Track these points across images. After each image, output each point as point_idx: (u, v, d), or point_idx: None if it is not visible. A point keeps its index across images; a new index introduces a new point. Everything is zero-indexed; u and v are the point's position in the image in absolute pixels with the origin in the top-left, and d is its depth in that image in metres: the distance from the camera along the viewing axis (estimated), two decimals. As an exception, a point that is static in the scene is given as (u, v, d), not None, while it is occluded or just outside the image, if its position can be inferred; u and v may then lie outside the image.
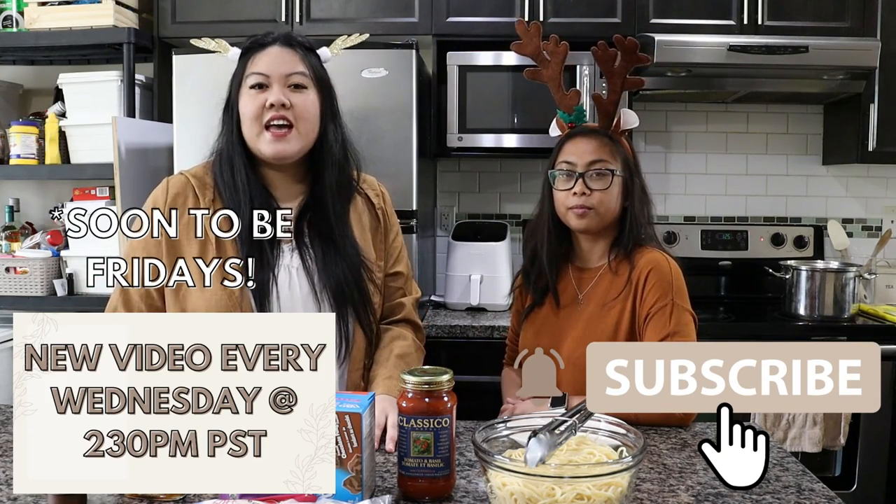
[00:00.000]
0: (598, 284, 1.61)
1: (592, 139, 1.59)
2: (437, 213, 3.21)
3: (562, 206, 1.60)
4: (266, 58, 1.46)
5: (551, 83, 1.66)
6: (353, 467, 1.02)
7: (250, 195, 1.46)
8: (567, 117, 1.66)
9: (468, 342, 2.54)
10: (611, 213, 1.59)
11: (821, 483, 1.17)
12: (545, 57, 1.65)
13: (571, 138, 1.62)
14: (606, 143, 1.59)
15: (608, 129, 1.62)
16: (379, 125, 2.45)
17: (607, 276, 1.61)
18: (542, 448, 0.97)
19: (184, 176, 1.52)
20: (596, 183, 1.56)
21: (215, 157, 1.52)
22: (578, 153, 1.58)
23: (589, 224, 1.58)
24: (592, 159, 1.57)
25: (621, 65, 1.59)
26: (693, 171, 3.22)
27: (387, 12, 2.78)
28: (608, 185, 1.56)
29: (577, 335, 1.58)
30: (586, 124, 1.66)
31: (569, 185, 1.57)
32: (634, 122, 1.64)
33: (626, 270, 1.58)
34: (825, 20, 2.77)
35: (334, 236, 1.49)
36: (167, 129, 2.62)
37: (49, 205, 3.09)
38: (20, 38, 2.76)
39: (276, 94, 1.43)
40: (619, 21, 2.75)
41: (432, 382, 1.08)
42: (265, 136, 1.45)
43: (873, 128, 2.81)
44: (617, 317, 1.56)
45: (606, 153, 1.58)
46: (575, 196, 1.56)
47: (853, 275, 2.71)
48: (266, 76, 1.45)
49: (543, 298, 1.66)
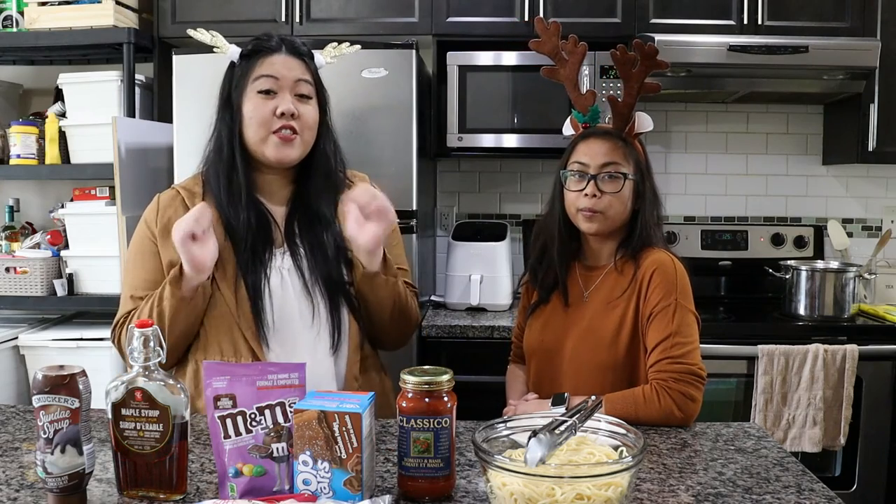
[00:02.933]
0: (604, 283, 1.62)
1: (606, 141, 1.59)
2: (437, 213, 3.21)
3: (572, 207, 1.61)
4: (274, 65, 1.49)
5: (568, 82, 1.66)
6: (353, 467, 1.02)
7: (246, 200, 1.48)
8: (581, 117, 1.66)
9: (468, 342, 2.55)
10: (620, 217, 1.59)
11: (821, 483, 1.17)
12: (563, 56, 1.65)
13: (585, 139, 1.62)
14: (620, 145, 1.59)
15: (622, 132, 1.62)
16: (379, 125, 2.45)
17: (612, 274, 1.61)
18: (542, 448, 0.97)
19: (174, 190, 1.57)
20: (607, 185, 1.56)
21: (212, 157, 1.53)
22: (591, 154, 1.58)
23: (598, 228, 1.58)
24: (605, 161, 1.57)
25: (640, 69, 1.60)
26: (693, 171, 3.22)
27: (387, 12, 2.78)
28: (619, 188, 1.57)
29: (580, 333, 1.59)
30: (600, 125, 1.66)
31: (580, 187, 1.58)
32: (649, 125, 1.64)
33: (631, 270, 1.58)
34: (825, 20, 2.77)
35: (323, 234, 1.53)
36: (167, 129, 2.62)
37: (49, 205, 3.09)
38: (20, 38, 2.76)
39: (287, 103, 1.47)
40: (619, 21, 2.75)
41: (432, 382, 1.08)
42: (272, 141, 1.48)
43: (873, 128, 2.81)
44: (620, 316, 1.56)
45: (619, 156, 1.58)
46: (586, 198, 1.57)
47: (853, 275, 2.71)
48: (276, 80, 1.48)
49: (549, 296, 1.67)
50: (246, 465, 1.08)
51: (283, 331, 1.48)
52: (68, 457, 1.04)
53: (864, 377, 2.54)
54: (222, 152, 1.50)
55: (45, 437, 1.03)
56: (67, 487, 1.04)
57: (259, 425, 1.08)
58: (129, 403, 1.07)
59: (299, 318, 1.49)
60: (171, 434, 1.07)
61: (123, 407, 1.07)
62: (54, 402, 1.03)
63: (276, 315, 1.48)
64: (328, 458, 1.03)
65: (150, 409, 1.07)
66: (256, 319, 1.46)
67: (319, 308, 1.50)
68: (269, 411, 1.08)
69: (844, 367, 2.49)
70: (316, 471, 1.03)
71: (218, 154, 1.51)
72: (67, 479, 1.04)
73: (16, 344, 2.67)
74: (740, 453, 1.31)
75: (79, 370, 1.05)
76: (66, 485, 1.04)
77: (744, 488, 1.15)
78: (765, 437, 1.40)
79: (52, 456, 1.03)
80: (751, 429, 1.44)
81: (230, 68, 1.54)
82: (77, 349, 2.62)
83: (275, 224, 1.53)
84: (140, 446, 1.08)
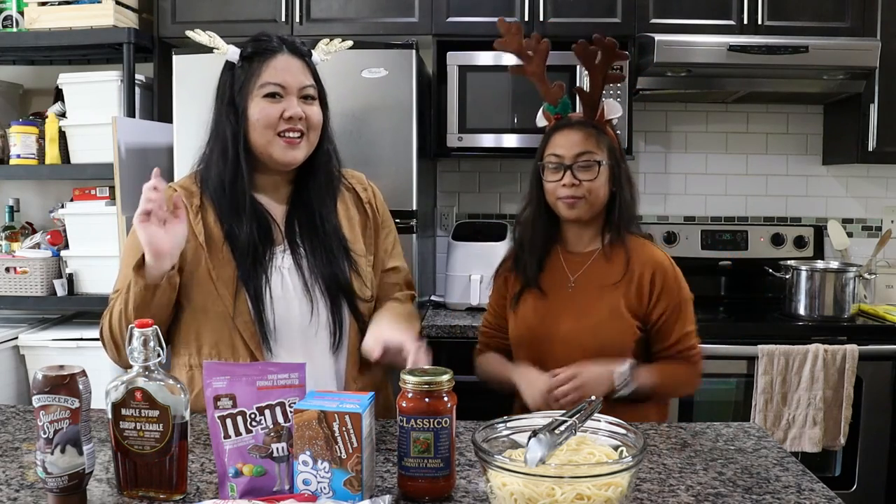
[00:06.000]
0: (592, 269, 1.68)
1: (578, 131, 1.66)
2: (437, 213, 3.21)
3: (552, 196, 1.67)
4: (280, 68, 1.48)
5: (535, 78, 1.72)
6: (353, 467, 1.02)
7: (249, 206, 1.48)
8: (553, 109, 1.73)
9: (468, 342, 2.52)
10: (600, 201, 1.66)
11: (821, 483, 1.17)
12: (528, 54, 1.72)
13: (559, 130, 1.68)
14: (592, 133, 1.65)
15: (593, 120, 1.68)
16: (379, 125, 2.46)
17: (600, 261, 1.68)
18: (542, 448, 0.97)
19: (171, 188, 1.55)
20: (583, 174, 1.63)
21: (214, 158, 1.52)
22: (566, 145, 1.65)
23: (579, 213, 1.65)
24: (579, 151, 1.64)
25: (602, 61, 1.67)
26: (693, 171, 3.22)
27: (387, 12, 2.78)
28: (595, 175, 1.63)
29: (573, 319, 1.65)
30: (572, 115, 1.72)
31: (557, 177, 1.65)
32: (618, 111, 1.71)
33: (620, 258, 1.66)
34: (825, 20, 2.77)
35: (322, 232, 1.53)
36: (167, 129, 2.62)
37: (49, 205, 3.10)
38: (20, 38, 2.76)
39: (295, 106, 1.47)
40: (619, 21, 2.75)
41: (432, 382, 1.08)
42: (278, 143, 1.48)
43: (873, 128, 2.81)
44: (613, 302, 1.64)
45: (592, 144, 1.64)
46: (564, 187, 1.63)
47: (853, 275, 2.71)
48: (282, 87, 1.48)
49: (534, 282, 1.71)
50: (246, 465, 1.08)
51: (282, 331, 1.48)
52: (68, 457, 1.04)
53: (864, 377, 2.54)
54: (227, 154, 1.49)
55: (45, 437, 1.03)
56: (67, 487, 1.04)
57: (259, 425, 1.08)
58: (129, 403, 1.07)
59: (299, 318, 1.49)
60: (171, 434, 1.07)
61: (123, 407, 1.08)
62: (54, 402, 1.03)
63: (275, 315, 1.48)
64: (328, 458, 1.03)
65: (150, 409, 1.07)
66: (257, 323, 1.46)
67: (319, 307, 1.50)
68: (269, 411, 1.08)
69: (844, 367, 2.49)
70: (316, 471, 1.03)
71: (221, 156, 1.50)
72: (67, 479, 1.04)
73: (16, 344, 2.67)
74: (740, 453, 1.31)
75: (79, 370, 1.06)
76: (66, 485, 1.04)
77: (744, 488, 1.15)
78: (765, 437, 1.40)
79: (52, 456, 1.03)
80: (751, 429, 1.45)
81: (229, 69, 1.53)
82: (77, 349, 2.62)
83: (275, 223, 1.53)
84: (140, 446, 1.08)
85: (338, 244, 1.53)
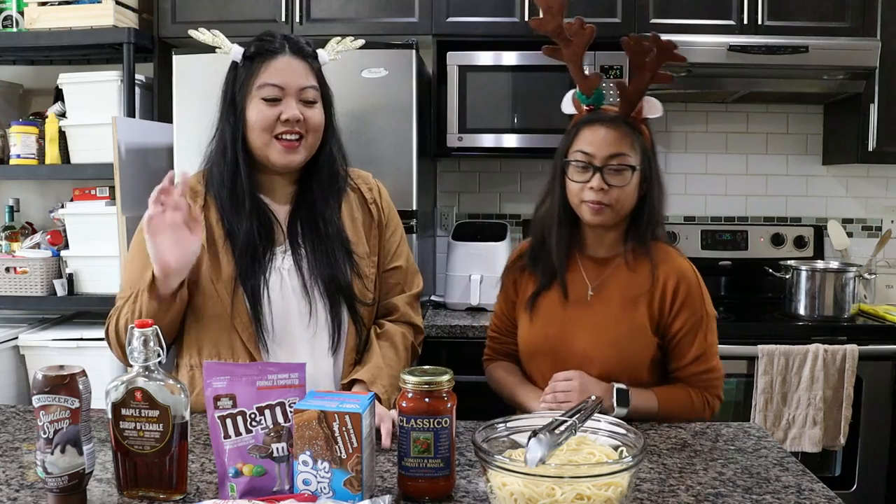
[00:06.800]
0: (613, 279, 1.56)
1: (612, 129, 1.50)
2: (437, 213, 3.21)
3: (575, 198, 1.53)
4: (279, 69, 1.47)
5: (572, 64, 1.54)
6: (353, 467, 1.02)
7: (249, 204, 1.47)
8: (585, 99, 1.56)
9: (468, 342, 2.54)
10: (626, 209, 1.53)
11: (821, 483, 1.17)
12: (566, 37, 1.53)
13: (590, 125, 1.52)
14: (627, 132, 1.50)
15: (628, 116, 1.52)
16: (379, 125, 2.45)
17: (623, 270, 1.55)
18: (542, 448, 0.97)
19: None
20: (614, 178, 1.48)
21: (215, 157, 1.52)
22: (598, 143, 1.49)
23: (604, 220, 1.51)
24: (612, 153, 1.48)
25: (654, 60, 1.49)
26: (693, 171, 3.22)
27: (387, 12, 2.78)
28: (627, 182, 1.49)
29: (591, 334, 1.54)
30: (605, 108, 1.55)
31: (584, 178, 1.50)
32: (658, 111, 1.54)
33: (645, 268, 1.53)
34: (825, 20, 2.77)
35: (325, 234, 1.52)
36: (167, 129, 2.62)
37: (49, 205, 3.09)
38: (20, 38, 2.76)
39: (292, 109, 1.45)
40: (619, 21, 2.75)
41: (432, 382, 1.08)
42: (276, 146, 1.47)
43: (873, 128, 2.81)
44: (636, 317, 1.53)
45: (627, 145, 1.49)
46: (591, 191, 1.48)
47: (853, 275, 2.71)
48: (281, 89, 1.46)
49: (551, 283, 1.59)
50: (246, 465, 1.08)
51: (280, 331, 1.48)
52: (68, 457, 1.04)
53: (864, 377, 2.54)
54: (226, 154, 1.49)
55: (45, 437, 1.03)
56: (67, 487, 1.04)
57: (259, 425, 1.08)
58: (129, 403, 1.07)
59: (297, 319, 1.49)
60: (171, 434, 1.07)
61: (123, 407, 1.08)
62: (54, 402, 1.03)
63: (273, 316, 1.47)
64: (328, 458, 1.03)
65: (150, 409, 1.07)
66: (254, 323, 1.46)
67: (318, 308, 1.49)
68: (269, 411, 1.08)
69: (844, 367, 2.49)
70: (316, 471, 1.03)
71: (221, 156, 1.50)
72: (67, 479, 1.04)
73: (16, 344, 2.67)
74: (740, 453, 1.31)
75: (79, 370, 1.06)
76: (66, 485, 1.04)
77: (744, 488, 1.15)
78: (765, 437, 1.40)
79: (52, 456, 1.03)
80: (751, 429, 1.44)
81: (233, 68, 1.52)
82: (77, 349, 2.62)
83: (277, 223, 1.53)
84: (140, 446, 1.08)
85: (340, 246, 1.52)
